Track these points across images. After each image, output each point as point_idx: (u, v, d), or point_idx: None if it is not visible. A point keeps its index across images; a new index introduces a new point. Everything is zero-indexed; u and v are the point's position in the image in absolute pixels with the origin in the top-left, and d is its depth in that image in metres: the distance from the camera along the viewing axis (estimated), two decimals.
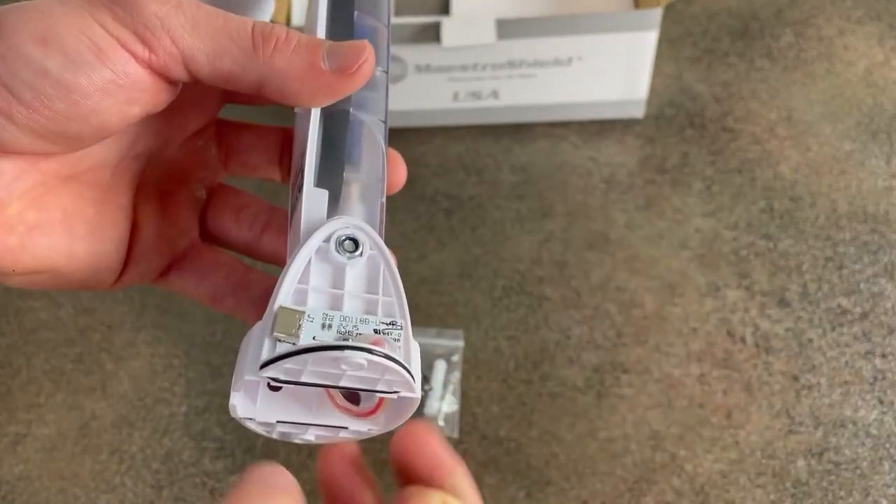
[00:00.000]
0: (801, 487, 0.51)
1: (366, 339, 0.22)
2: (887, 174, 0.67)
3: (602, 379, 0.57)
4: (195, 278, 0.30)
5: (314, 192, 0.25)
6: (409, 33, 0.66)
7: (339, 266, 0.23)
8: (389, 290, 0.24)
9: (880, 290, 0.60)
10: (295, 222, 0.25)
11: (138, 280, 0.29)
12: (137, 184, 0.28)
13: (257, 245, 0.30)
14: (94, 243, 0.26)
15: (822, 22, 0.78)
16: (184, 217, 0.29)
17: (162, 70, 0.22)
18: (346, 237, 0.24)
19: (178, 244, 0.29)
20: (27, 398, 0.58)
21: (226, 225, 0.30)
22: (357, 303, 0.23)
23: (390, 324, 0.23)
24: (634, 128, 0.71)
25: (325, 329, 0.22)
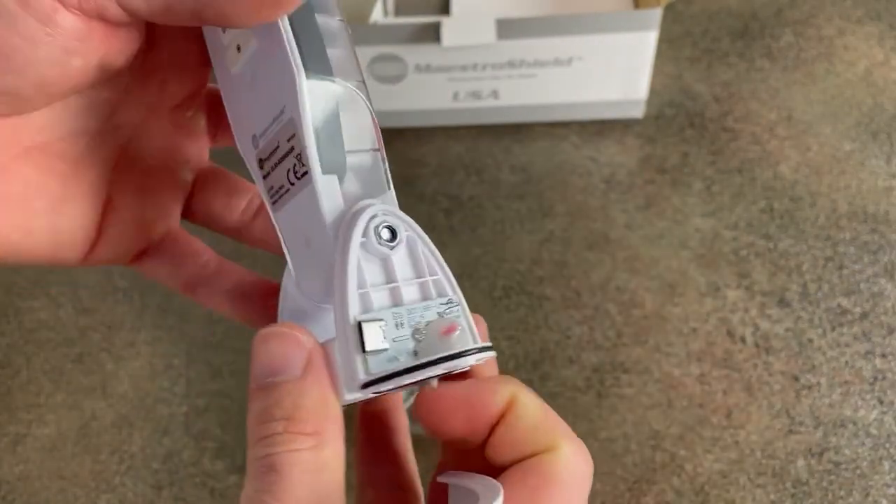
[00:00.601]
0: (801, 487, 0.51)
1: (438, 326, 0.22)
2: (887, 174, 0.67)
3: (602, 379, 0.57)
4: (169, 266, 0.28)
5: (326, 181, 0.23)
6: (409, 33, 0.66)
7: (384, 257, 0.23)
8: (434, 269, 0.24)
9: (880, 289, 0.60)
10: (302, 213, 0.24)
11: (109, 260, 0.27)
12: (116, 158, 0.26)
13: (248, 229, 0.29)
14: (56, 219, 0.25)
15: (822, 22, 0.78)
16: (165, 200, 0.28)
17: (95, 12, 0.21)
18: (382, 226, 0.23)
19: (156, 229, 0.28)
20: (27, 398, 0.58)
21: (216, 209, 0.29)
22: (412, 290, 0.23)
23: (448, 302, 0.23)
24: (634, 128, 0.71)
25: (399, 328, 0.22)
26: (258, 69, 0.24)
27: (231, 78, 0.26)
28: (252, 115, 0.25)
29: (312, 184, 0.23)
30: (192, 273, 0.28)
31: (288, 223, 0.25)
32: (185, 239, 0.29)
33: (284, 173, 0.24)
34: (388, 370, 0.21)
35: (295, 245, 0.25)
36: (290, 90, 0.23)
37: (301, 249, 0.25)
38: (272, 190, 0.25)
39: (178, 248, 0.29)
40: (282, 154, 0.24)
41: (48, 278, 0.65)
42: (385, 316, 0.22)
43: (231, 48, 0.25)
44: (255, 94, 0.25)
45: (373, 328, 0.21)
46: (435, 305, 0.23)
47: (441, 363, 0.21)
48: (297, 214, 0.24)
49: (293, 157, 0.24)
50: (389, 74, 0.69)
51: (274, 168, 0.25)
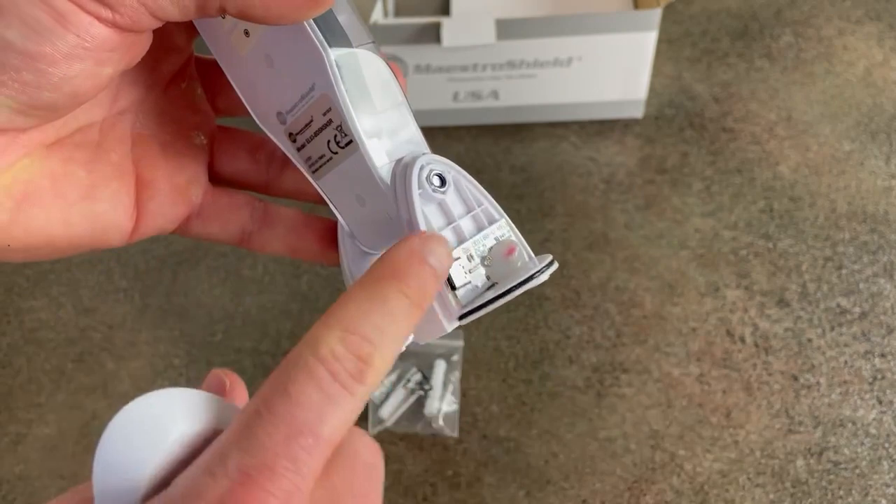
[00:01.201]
0: (800, 487, 0.52)
1: (500, 249, 0.25)
2: (886, 174, 0.67)
3: (602, 378, 0.57)
4: (219, 223, 0.29)
5: (371, 145, 0.25)
6: (410, 34, 0.66)
7: (440, 202, 0.25)
8: (480, 199, 0.26)
9: (879, 289, 0.60)
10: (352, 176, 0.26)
11: (156, 231, 0.28)
12: (132, 138, 0.27)
13: (278, 183, 0.30)
14: (91, 206, 0.25)
15: (821, 22, 0.79)
16: (189, 165, 0.28)
17: (129, 26, 0.21)
18: (432, 174, 0.25)
19: (192, 193, 0.29)
20: (28, 398, 0.58)
21: (241, 166, 0.30)
22: (468, 223, 0.25)
23: (499, 227, 0.26)
24: (634, 128, 0.72)
25: (470, 260, 0.25)
26: (274, 50, 0.26)
27: (241, 61, 0.27)
28: (274, 94, 0.26)
29: (360, 151, 0.25)
30: (241, 225, 0.29)
31: (335, 187, 0.27)
32: (226, 195, 0.30)
33: (324, 144, 0.26)
34: (478, 302, 0.24)
35: (346, 205, 0.27)
36: (319, 68, 0.24)
37: (354, 208, 0.27)
38: (311, 160, 0.27)
39: (222, 204, 0.29)
40: (318, 127, 0.26)
41: (49, 278, 0.65)
42: (458, 254, 0.25)
43: (236, 32, 0.26)
44: (276, 75, 0.26)
45: (456, 268, 0.24)
46: (490, 232, 0.26)
47: (518, 288, 0.24)
48: (346, 178, 0.26)
49: (332, 129, 0.25)
50: None
51: (310, 140, 0.26)
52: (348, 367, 0.19)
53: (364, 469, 0.21)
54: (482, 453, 0.54)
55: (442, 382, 0.56)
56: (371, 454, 0.21)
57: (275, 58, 0.26)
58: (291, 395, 0.19)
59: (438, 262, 0.22)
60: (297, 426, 0.19)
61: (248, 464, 0.18)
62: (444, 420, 0.55)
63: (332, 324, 0.20)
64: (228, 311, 0.62)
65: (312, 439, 0.19)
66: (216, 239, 0.29)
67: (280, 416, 0.19)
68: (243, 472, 0.18)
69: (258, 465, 0.18)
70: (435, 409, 0.55)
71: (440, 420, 0.55)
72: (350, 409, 0.19)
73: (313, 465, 0.19)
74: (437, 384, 0.56)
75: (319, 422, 0.19)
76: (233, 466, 0.18)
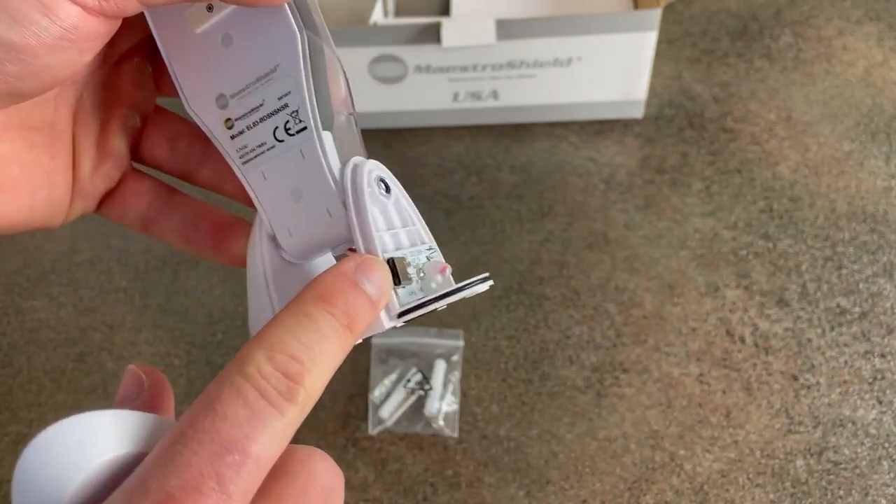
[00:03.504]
0: (800, 487, 0.52)
1: (434, 266, 0.25)
2: (886, 174, 0.67)
3: (601, 378, 0.57)
4: (121, 207, 0.29)
5: (326, 138, 0.24)
6: (410, 34, 0.66)
7: (383, 206, 0.25)
8: (413, 219, 0.26)
9: (879, 289, 0.60)
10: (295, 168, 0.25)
11: (78, 215, 0.28)
12: (74, 113, 0.27)
13: (196, 175, 0.29)
14: (51, 190, 0.25)
15: (821, 22, 0.79)
16: (117, 147, 0.28)
17: (115, 12, 0.21)
18: (379, 178, 0.25)
19: (112, 175, 0.28)
20: (28, 398, 0.58)
21: (161, 154, 0.29)
22: (405, 236, 0.25)
23: (429, 249, 0.26)
24: (634, 128, 0.72)
25: (408, 266, 0.24)
26: (238, 29, 0.25)
27: (188, 38, 0.25)
28: (221, 75, 0.25)
29: (313, 139, 0.24)
30: (140, 211, 0.29)
31: (268, 179, 0.25)
32: (134, 179, 0.29)
33: (270, 131, 0.25)
34: (419, 299, 0.23)
35: (276, 200, 0.26)
36: (289, 50, 0.24)
37: (285, 204, 0.25)
38: (245, 149, 0.26)
39: (127, 188, 0.29)
40: (268, 111, 0.25)
41: (49, 278, 0.65)
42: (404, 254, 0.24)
43: (197, 7, 0.25)
44: (230, 54, 0.25)
45: (401, 263, 0.24)
46: (422, 250, 0.25)
47: (459, 292, 0.24)
48: (285, 170, 0.25)
49: (286, 114, 0.24)
50: (389, 75, 0.69)
51: (252, 126, 0.25)
52: (277, 385, 0.19)
53: (321, 493, 0.20)
54: (482, 453, 0.54)
55: (442, 382, 0.56)
56: (331, 477, 0.20)
57: (235, 37, 0.25)
58: (217, 412, 0.18)
59: (375, 289, 0.22)
60: (223, 443, 0.18)
61: (171, 484, 0.17)
62: (444, 420, 0.55)
63: (260, 343, 0.19)
64: (229, 311, 0.62)
65: (240, 456, 0.18)
66: (123, 222, 0.29)
67: (205, 434, 0.18)
68: (166, 493, 0.17)
69: (182, 486, 0.17)
70: (435, 409, 0.55)
71: (440, 420, 0.55)
72: (281, 429, 0.18)
73: (241, 484, 0.18)
74: (437, 384, 0.56)
75: (247, 439, 0.18)
76: (155, 487, 0.17)
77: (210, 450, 0.17)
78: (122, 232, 0.67)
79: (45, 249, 0.67)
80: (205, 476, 0.17)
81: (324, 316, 0.20)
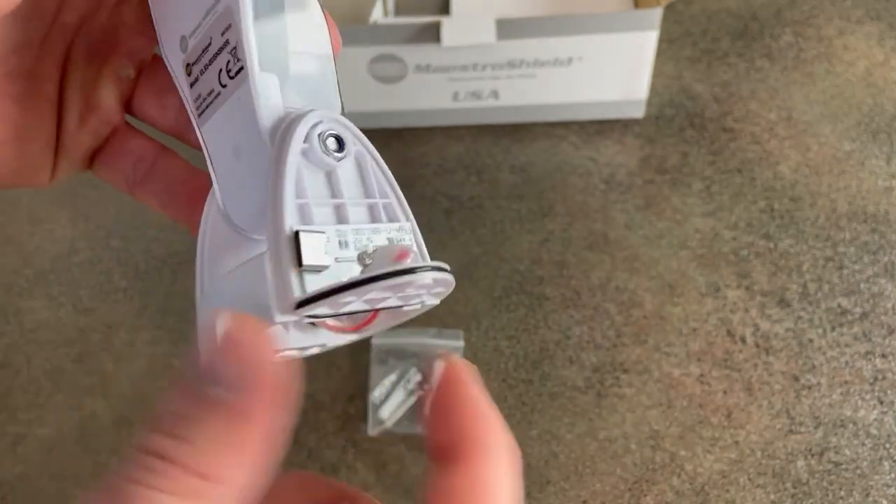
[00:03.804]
0: (801, 487, 0.51)
1: (389, 252, 0.19)
2: (887, 174, 0.67)
3: (602, 379, 0.57)
4: (107, 167, 0.26)
5: (263, 78, 0.20)
6: (410, 33, 0.66)
7: (329, 169, 0.20)
8: (385, 190, 0.21)
9: (880, 290, 0.60)
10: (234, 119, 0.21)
11: (69, 173, 0.26)
12: (65, 62, 0.24)
13: (185, 134, 0.26)
14: (23, 145, 0.23)
15: (821, 22, 0.78)
16: (105, 99, 0.26)
17: None
18: (328, 134, 0.20)
19: (100, 131, 0.26)
20: (27, 398, 0.58)
21: (151, 110, 0.26)
22: (360, 210, 0.20)
23: (399, 228, 0.21)
24: (634, 128, 0.71)
25: (343, 247, 0.19)
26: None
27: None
28: (182, 12, 0.22)
29: (248, 79, 0.20)
30: (124, 173, 0.26)
31: (216, 134, 0.22)
32: (121, 138, 0.27)
33: (216, 75, 0.21)
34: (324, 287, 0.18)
35: (223, 159, 0.22)
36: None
37: (230, 164, 0.22)
38: (199, 98, 0.22)
39: (113, 147, 0.26)
40: (214, 51, 0.21)
41: (48, 278, 0.65)
42: (328, 231, 0.19)
43: None
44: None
45: (312, 240, 0.18)
46: (385, 230, 0.20)
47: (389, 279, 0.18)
48: (227, 121, 0.21)
49: (227, 52, 0.21)
50: (389, 74, 0.69)
51: (204, 70, 0.22)
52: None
53: None
54: None
55: None
56: None
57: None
58: None
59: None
60: None
61: None
62: None
63: None
64: None
65: None
66: (112, 184, 0.27)
67: None
68: None
69: None
70: None
71: None
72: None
73: None
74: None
75: None
76: None
77: None
78: (121, 232, 0.67)
79: (44, 249, 0.67)
80: None
81: None
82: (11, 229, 0.68)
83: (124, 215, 0.68)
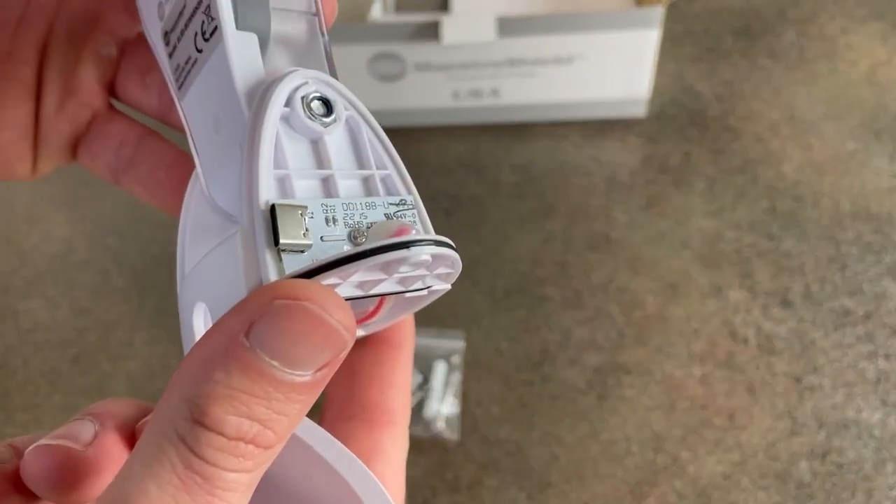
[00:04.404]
0: (804, 489, 0.51)
1: (385, 229, 0.17)
2: (890, 174, 0.66)
3: (603, 380, 0.56)
4: (89, 154, 0.24)
5: (239, 38, 0.18)
6: (409, 31, 0.65)
7: (315, 137, 0.18)
8: (382, 160, 0.19)
9: (884, 290, 0.60)
10: (211, 86, 0.19)
11: (53, 163, 0.24)
12: (44, 44, 0.23)
13: (168, 114, 0.24)
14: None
15: (824, 21, 0.78)
16: (85, 80, 0.24)
17: None
18: (313, 97, 0.18)
19: (80, 117, 0.24)
20: (24, 399, 0.58)
21: (133, 91, 0.24)
22: (352, 183, 0.18)
23: (399, 202, 0.18)
24: (636, 127, 0.71)
25: (331, 224, 0.17)
26: None
27: None
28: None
29: (223, 40, 0.18)
30: (107, 160, 0.24)
31: (195, 107, 0.20)
32: (105, 122, 0.25)
33: (192, 39, 0.19)
34: (301, 268, 0.16)
35: (202, 135, 0.20)
36: None
37: (209, 138, 0.19)
38: (178, 70, 0.20)
39: (96, 132, 0.24)
40: (189, 13, 0.19)
41: (45, 279, 0.64)
42: (312, 205, 0.17)
43: None
44: None
45: (290, 215, 0.16)
46: (382, 205, 0.18)
47: (376, 255, 0.15)
48: (204, 90, 0.19)
49: (201, 12, 0.19)
50: (389, 73, 0.68)
51: (181, 38, 0.20)
52: None
53: None
54: (482, 456, 0.54)
55: (442, 384, 0.56)
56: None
57: None
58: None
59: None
60: None
61: None
62: (444, 422, 0.55)
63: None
64: None
65: None
66: (95, 173, 0.25)
67: None
68: None
69: None
70: (434, 412, 0.54)
71: (440, 422, 0.54)
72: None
73: None
74: (436, 386, 0.56)
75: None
76: None
77: None
78: (118, 231, 0.67)
79: (40, 249, 0.66)
80: None
81: None
82: (7, 229, 0.68)
83: (121, 214, 0.68)
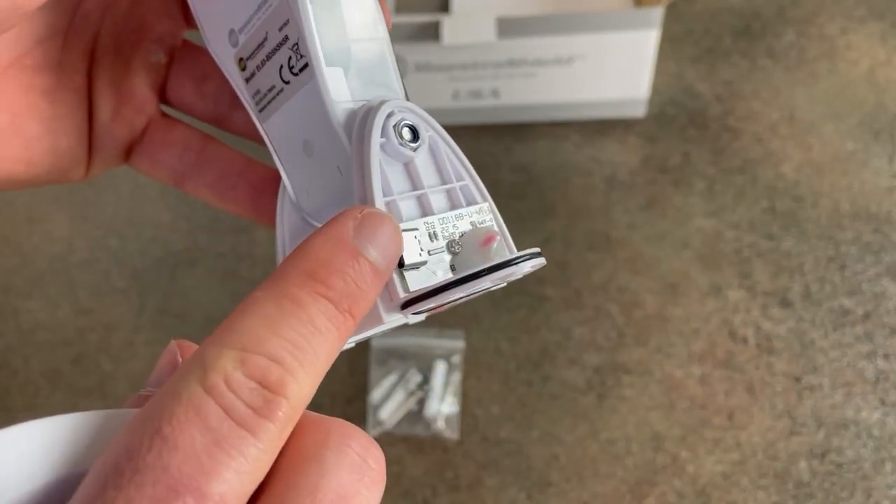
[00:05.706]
0: (803, 488, 0.51)
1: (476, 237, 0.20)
2: (889, 174, 0.66)
3: (603, 380, 0.56)
4: (149, 160, 0.25)
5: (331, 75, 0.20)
6: (410, 32, 0.65)
7: (407, 160, 0.20)
8: (460, 173, 0.21)
9: (883, 290, 0.60)
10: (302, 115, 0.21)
11: (105, 167, 0.25)
12: (91, 53, 0.24)
13: (228, 120, 0.25)
14: (54, 141, 0.22)
15: (824, 21, 0.78)
16: (138, 87, 0.25)
17: None
18: (403, 125, 0.20)
19: (135, 123, 0.25)
20: (25, 399, 0.58)
21: (188, 98, 0.25)
22: (440, 198, 0.20)
23: (479, 211, 0.21)
24: (636, 127, 0.71)
25: (433, 240, 0.19)
26: None
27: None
28: (230, 5, 0.22)
29: (315, 77, 0.20)
30: (171, 165, 0.25)
31: (282, 130, 0.22)
32: (164, 128, 0.25)
33: (276, 70, 0.21)
34: (429, 285, 0.18)
35: (291, 155, 0.22)
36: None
37: (299, 160, 0.21)
38: (259, 94, 0.22)
39: (156, 138, 0.25)
40: (272, 47, 0.21)
41: (46, 279, 0.65)
42: (417, 226, 0.19)
43: None
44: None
45: (409, 239, 0.18)
46: (467, 214, 0.20)
47: (489, 274, 0.18)
48: (294, 117, 0.21)
49: (287, 48, 0.20)
50: None
51: (261, 66, 0.21)
52: (251, 399, 0.14)
53: None
54: (483, 455, 0.54)
55: (442, 384, 0.56)
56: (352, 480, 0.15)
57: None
58: (166, 439, 0.13)
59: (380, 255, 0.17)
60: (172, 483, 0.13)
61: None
62: (445, 422, 0.55)
63: (228, 341, 0.15)
64: (226, 311, 0.61)
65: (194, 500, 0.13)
66: (155, 177, 0.25)
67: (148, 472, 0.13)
68: None
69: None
70: (435, 411, 0.55)
71: (440, 422, 0.54)
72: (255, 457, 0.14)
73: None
74: (437, 385, 0.56)
75: (205, 476, 0.13)
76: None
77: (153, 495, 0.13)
78: (119, 232, 0.67)
79: (41, 250, 0.67)
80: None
81: (316, 302, 0.15)
82: (9, 229, 0.68)
83: (122, 215, 0.68)
